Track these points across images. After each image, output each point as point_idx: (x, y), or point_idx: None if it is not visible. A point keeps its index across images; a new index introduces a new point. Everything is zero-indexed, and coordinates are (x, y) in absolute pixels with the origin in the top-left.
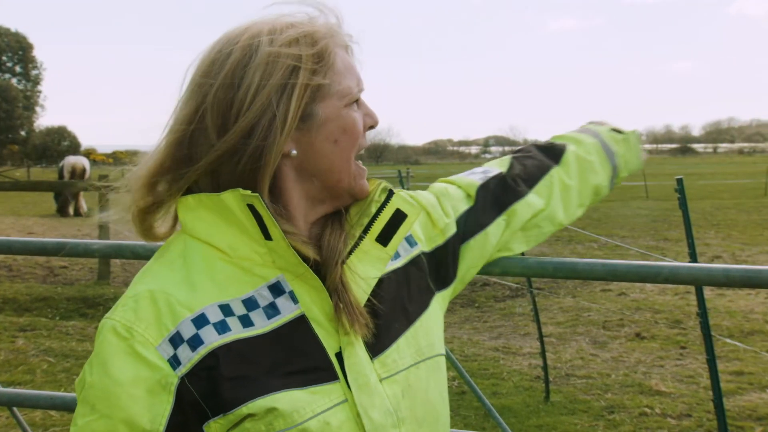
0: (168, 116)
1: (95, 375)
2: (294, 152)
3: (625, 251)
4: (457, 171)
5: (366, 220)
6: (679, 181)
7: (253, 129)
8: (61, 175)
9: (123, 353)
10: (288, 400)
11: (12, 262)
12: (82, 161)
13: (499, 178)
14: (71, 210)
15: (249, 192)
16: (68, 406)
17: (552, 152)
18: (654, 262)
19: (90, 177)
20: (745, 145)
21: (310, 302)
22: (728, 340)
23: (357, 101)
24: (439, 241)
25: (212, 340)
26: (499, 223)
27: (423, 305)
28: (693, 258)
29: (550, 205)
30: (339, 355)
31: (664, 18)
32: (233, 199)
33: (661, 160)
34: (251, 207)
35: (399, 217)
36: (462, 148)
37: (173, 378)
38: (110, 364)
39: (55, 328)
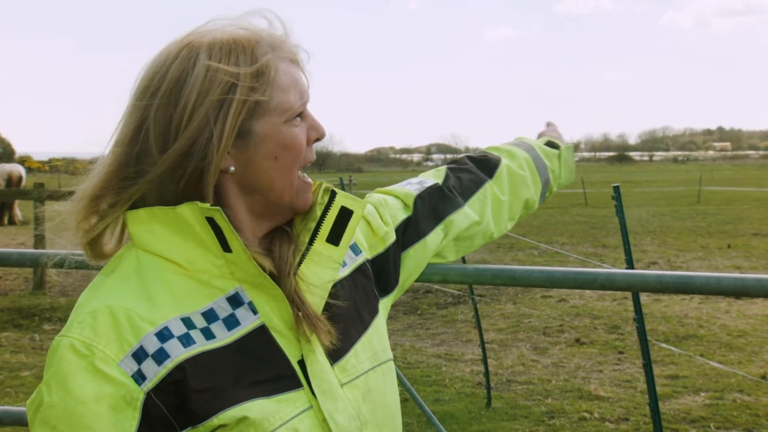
0: (111, 127)
1: (54, 395)
2: (232, 169)
3: (564, 258)
4: (400, 178)
5: (313, 224)
6: (616, 189)
7: (191, 147)
8: None
9: (83, 371)
10: (257, 409)
11: None
12: (18, 169)
13: (436, 188)
14: (6, 219)
15: (208, 205)
16: (0, 420)
17: (486, 166)
18: (590, 269)
19: (25, 185)
20: (679, 153)
21: (270, 312)
22: (664, 345)
23: (301, 114)
24: (380, 248)
25: (178, 353)
26: (438, 232)
27: (373, 311)
28: (629, 264)
29: (484, 218)
30: (301, 363)
31: (599, 28)
32: (191, 212)
33: (599, 167)
34: (209, 220)
35: (345, 215)
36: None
37: (139, 393)
38: (70, 382)
39: None
